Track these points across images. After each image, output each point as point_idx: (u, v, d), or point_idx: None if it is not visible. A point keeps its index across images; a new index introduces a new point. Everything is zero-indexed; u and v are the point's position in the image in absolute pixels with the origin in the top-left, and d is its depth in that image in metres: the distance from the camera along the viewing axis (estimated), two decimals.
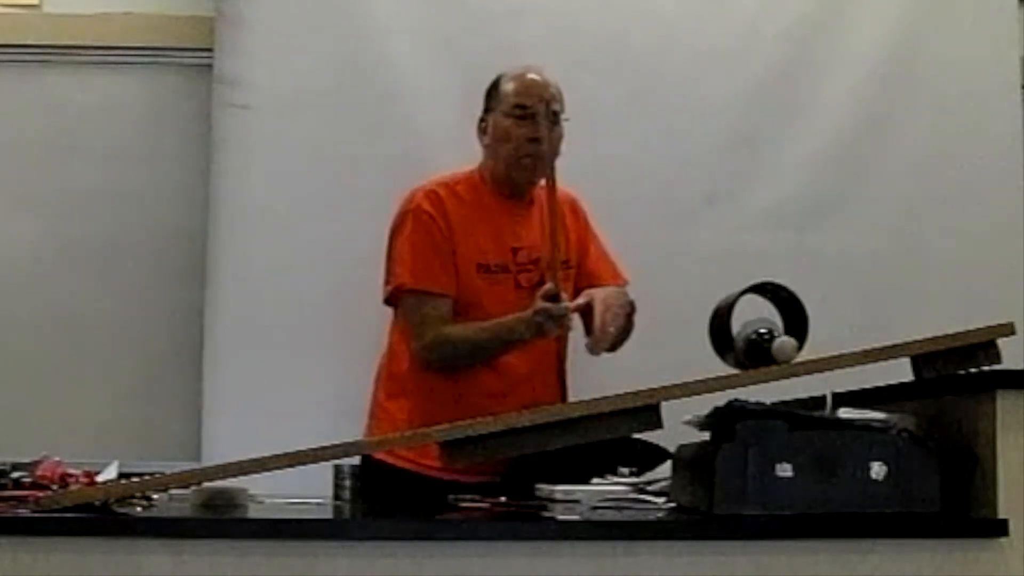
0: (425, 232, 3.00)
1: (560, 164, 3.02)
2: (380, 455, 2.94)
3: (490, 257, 3.01)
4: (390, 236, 3.06)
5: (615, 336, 2.97)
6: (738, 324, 2.35)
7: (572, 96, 3.67)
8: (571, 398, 3.07)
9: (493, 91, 3.12)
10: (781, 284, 2.35)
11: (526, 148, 3.03)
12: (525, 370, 3.02)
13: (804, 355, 2.27)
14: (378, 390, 3.09)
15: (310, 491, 2.76)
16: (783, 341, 2.26)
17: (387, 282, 3.04)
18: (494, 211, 3.07)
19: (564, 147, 3.09)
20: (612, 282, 3.15)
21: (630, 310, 3.00)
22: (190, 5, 3.90)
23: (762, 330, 2.27)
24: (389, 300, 3.06)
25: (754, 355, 2.27)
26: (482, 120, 3.12)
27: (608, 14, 3.79)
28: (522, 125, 3.03)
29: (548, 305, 2.85)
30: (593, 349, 2.94)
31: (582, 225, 3.19)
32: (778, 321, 2.36)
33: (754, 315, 2.35)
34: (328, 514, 2.36)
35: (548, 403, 2.96)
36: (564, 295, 2.92)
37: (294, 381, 3.58)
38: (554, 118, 3.05)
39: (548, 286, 2.91)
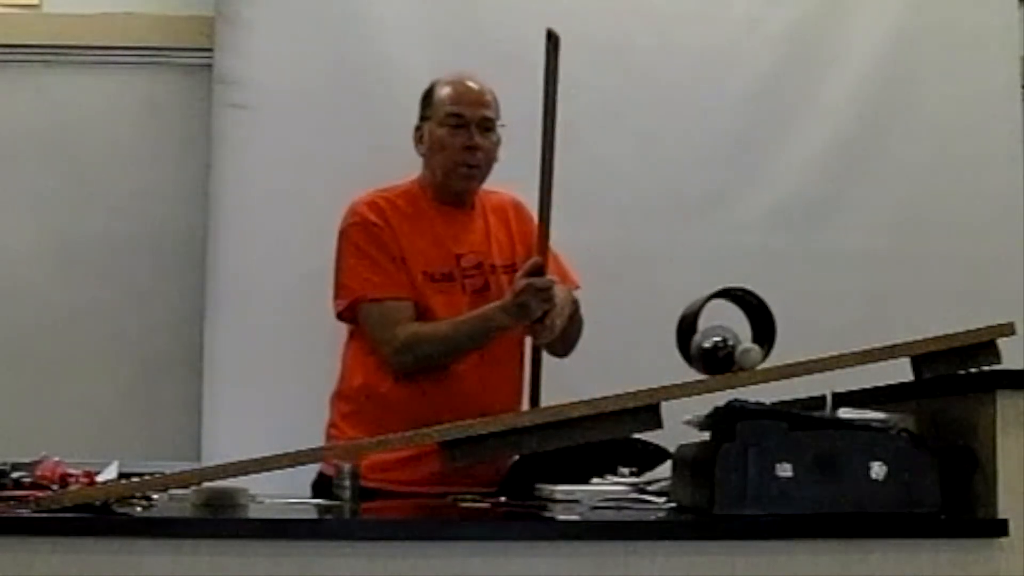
0: (374, 241, 2.97)
1: (561, 164, 3.02)
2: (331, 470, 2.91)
3: (435, 265, 2.98)
4: (337, 251, 3.01)
5: (558, 333, 2.93)
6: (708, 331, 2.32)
7: (573, 96, 3.67)
8: (571, 398, 3.06)
9: (427, 100, 3.09)
10: (749, 289, 2.34)
11: (462, 156, 3.00)
12: (485, 385, 2.95)
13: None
14: (333, 411, 3.03)
15: (310, 491, 2.77)
16: (747, 348, 2.25)
17: (338, 296, 2.99)
18: (434, 219, 3.03)
19: (564, 148, 3.08)
20: (574, 283, 3.12)
21: (574, 309, 2.98)
22: (190, 5, 3.90)
23: (717, 339, 2.24)
24: (343, 315, 3.00)
25: (711, 364, 2.24)
26: (418, 129, 3.09)
27: (608, 14, 3.79)
28: (457, 134, 3.00)
29: (532, 280, 2.82)
30: (536, 338, 2.93)
31: (529, 228, 3.12)
32: (747, 327, 2.34)
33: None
34: (328, 514, 2.36)
35: (498, 410, 2.92)
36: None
37: (294, 381, 3.58)
38: (489, 125, 3.02)
39: (534, 259, 2.88)
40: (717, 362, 2.23)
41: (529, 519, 2.26)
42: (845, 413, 2.19)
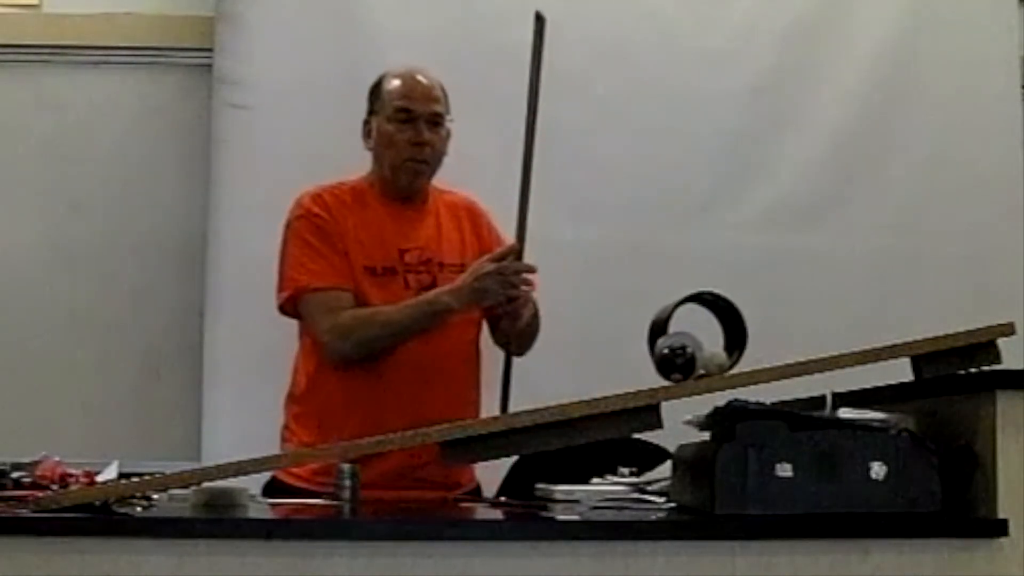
0: (317, 233, 2.95)
1: (561, 164, 3.02)
2: (281, 475, 2.88)
3: (377, 259, 2.94)
4: (282, 244, 3.00)
5: (520, 328, 2.94)
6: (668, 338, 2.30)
7: (573, 96, 3.69)
8: (572, 398, 3.06)
9: (375, 93, 3.06)
10: (719, 293, 2.33)
11: (410, 152, 2.98)
12: (432, 391, 2.91)
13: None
14: (286, 413, 3.03)
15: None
16: (713, 354, 2.25)
17: (281, 288, 2.97)
18: (380, 214, 3.00)
19: (564, 148, 3.09)
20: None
21: (534, 310, 2.97)
22: (190, 5, 3.90)
23: (675, 346, 2.23)
24: (284, 307, 2.97)
25: (668, 371, 2.23)
26: (366, 123, 3.06)
27: (608, 15, 3.79)
28: (405, 130, 2.98)
29: (503, 264, 2.79)
30: (502, 324, 2.92)
31: (483, 230, 3.11)
32: (716, 332, 2.33)
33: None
34: (328, 514, 2.36)
35: (445, 414, 2.86)
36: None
37: None
38: (438, 120, 3.00)
39: (511, 244, 2.87)
40: (675, 369, 2.21)
41: (529, 519, 2.26)
42: (845, 413, 2.19)
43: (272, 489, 2.81)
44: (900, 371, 2.26)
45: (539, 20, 2.87)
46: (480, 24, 3.74)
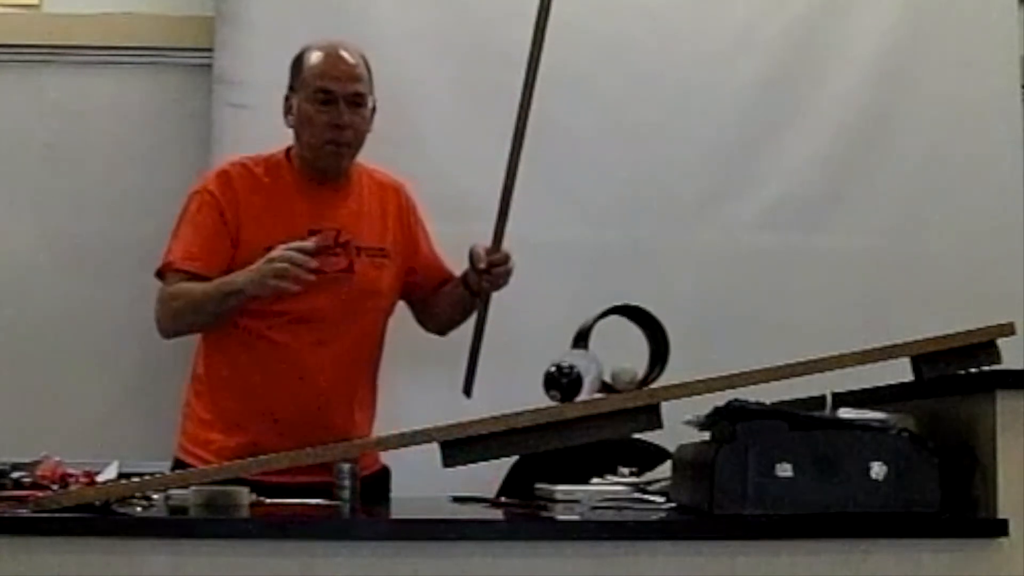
0: (205, 214, 2.92)
1: (561, 164, 3.01)
2: (185, 456, 2.92)
3: (281, 239, 2.85)
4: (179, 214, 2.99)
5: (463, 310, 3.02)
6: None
7: (573, 96, 3.68)
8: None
9: (296, 70, 3.00)
10: (642, 307, 2.32)
11: (329, 134, 2.92)
12: (315, 364, 2.91)
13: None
14: (188, 390, 3.04)
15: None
16: (623, 370, 2.24)
17: (164, 257, 2.95)
18: (293, 193, 2.96)
19: (564, 148, 3.08)
20: (449, 273, 3.11)
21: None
22: (190, 5, 3.90)
23: (563, 365, 2.21)
24: (159, 273, 2.95)
25: (552, 389, 2.21)
26: (287, 99, 3.01)
27: (608, 14, 3.79)
28: (324, 111, 2.91)
29: (284, 252, 2.72)
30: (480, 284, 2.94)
31: (409, 217, 3.09)
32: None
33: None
34: (328, 514, 2.36)
35: (344, 401, 2.93)
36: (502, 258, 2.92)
37: None
38: (360, 100, 2.94)
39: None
40: (559, 388, 2.19)
41: (529, 519, 2.26)
42: (845, 413, 2.19)
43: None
44: (900, 371, 2.26)
45: None
46: (481, 26, 3.73)
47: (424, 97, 3.72)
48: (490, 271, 2.92)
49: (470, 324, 3.03)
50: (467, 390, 2.97)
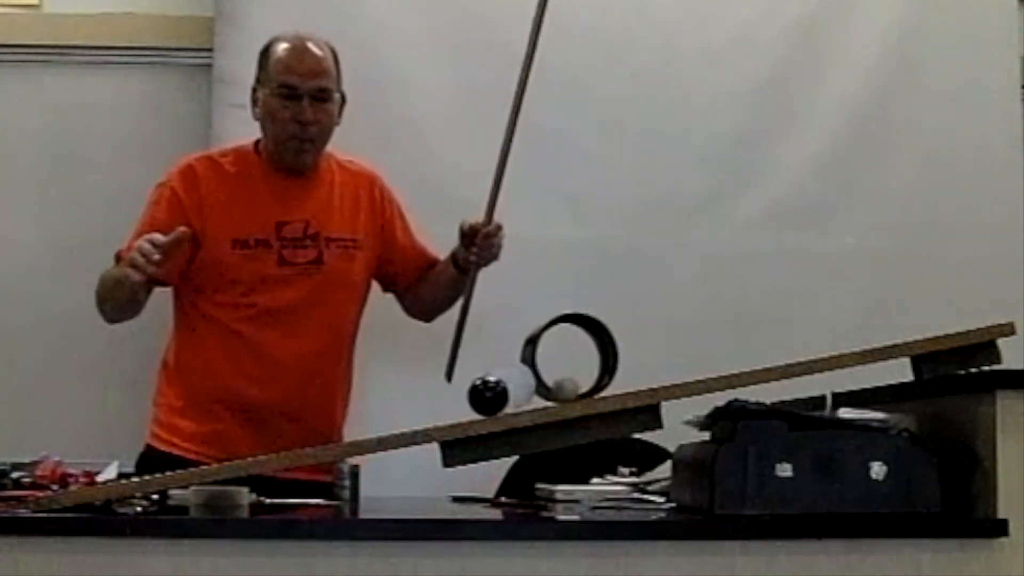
0: (162, 207, 2.92)
1: (561, 164, 3.01)
2: (155, 443, 2.93)
3: (248, 231, 2.88)
4: None
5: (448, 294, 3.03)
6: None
7: (573, 96, 3.68)
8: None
9: (262, 62, 2.98)
10: (591, 316, 2.31)
11: (292, 130, 2.90)
12: (284, 356, 2.91)
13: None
14: (159, 378, 3.04)
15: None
16: (564, 381, 2.23)
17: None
18: (259, 184, 2.95)
19: (564, 148, 3.08)
20: (434, 258, 3.11)
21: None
22: (190, 5, 3.90)
23: (489, 380, 2.20)
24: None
25: (476, 404, 2.19)
26: (254, 91, 3.00)
27: (608, 14, 3.79)
28: (288, 106, 2.90)
29: (139, 243, 2.67)
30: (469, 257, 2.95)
31: (385, 204, 3.08)
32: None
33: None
34: (328, 514, 2.36)
35: (316, 393, 2.93)
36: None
37: None
38: (324, 96, 2.93)
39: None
40: (484, 402, 2.18)
41: (529, 519, 2.26)
42: (845, 413, 2.19)
43: (146, 459, 2.87)
44: (900, 371, 2.26)
45: None
46: (482, 26, 3.73)
47: (424, 97, 3.72)
48: (479, 243, 2.90)
49: (455, 311, 3.03)
50: (449, 374, 2.96)
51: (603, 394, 2.27)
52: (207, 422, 2.89)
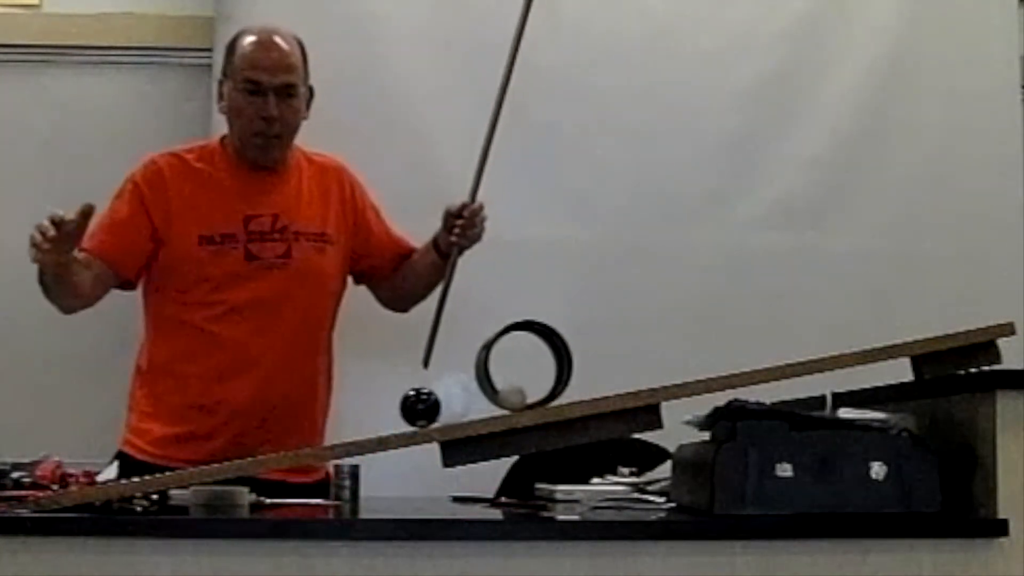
0: (124, 201, 2.92)
1: (560, 164, 3.01)
2: (128, 449, 2.92)
3: (215, 226, 2.87)
4: None
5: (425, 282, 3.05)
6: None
7: (572, 96, 3.68)
8: (571, 398, 3.06)
9: (228, 55, 2.97)
10: (545, 324, 2.29)
11: (257, 126, 2.89)
12: (255, 352, 2.89)
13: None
14: (132, 382, 3.04)
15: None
16: (509, 390, 2.22)
17: None
18: (225, 179, 2.94)
19: (564, 148, 3.08)
20: (410, 246, 3.12)
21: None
22: (190, 5, 3.90)
23: (422, 389, 2.18)
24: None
25: (408, 415, 2.19)
26: (220, 84, 2.99)
27: (608, 14, 3.79)
28: (253, 102, 2.88)
29: (39, 223, 2.69)
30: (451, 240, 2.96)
31: (356, 196, 3.08)
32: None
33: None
34: (328, 514, 2.36)
35: (291, 388, 2.92)
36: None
37: None
38: (291, 91, 2.91)
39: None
40: (415, 414, 2.18)
41: (529, 519, 2.26)
42: (845, 413, 2.19)
43: (125, 465, 2.79)
44: (900, 371, 2.26)
45: None
46: (481, 24, 3.73)
47: (422, 95, 3.71)
48: (465, 219, 2.91)
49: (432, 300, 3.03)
50: (426, 361, 2.95)
51: (604, 396, 2.27)
52: (176, 425, 2.88)
